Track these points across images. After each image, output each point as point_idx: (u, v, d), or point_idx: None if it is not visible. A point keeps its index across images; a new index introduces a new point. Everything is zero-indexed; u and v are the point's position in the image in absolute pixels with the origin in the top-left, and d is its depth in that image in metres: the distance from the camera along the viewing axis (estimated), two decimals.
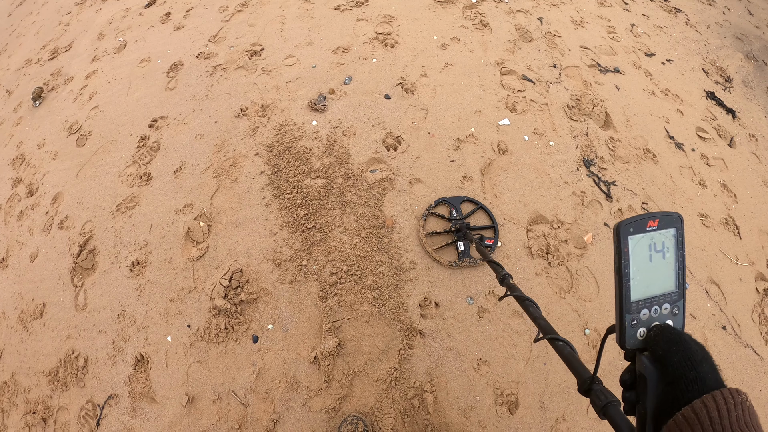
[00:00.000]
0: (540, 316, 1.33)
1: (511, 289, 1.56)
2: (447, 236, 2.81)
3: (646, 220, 0.79)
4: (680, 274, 0.83)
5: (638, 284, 0.80)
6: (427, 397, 2.35)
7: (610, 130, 3.47)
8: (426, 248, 2.72)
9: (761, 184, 3.61)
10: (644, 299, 0.81)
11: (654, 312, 0.81)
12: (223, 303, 2.58)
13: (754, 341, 2.80)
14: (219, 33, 4.19)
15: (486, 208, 2.88)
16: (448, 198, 2.90)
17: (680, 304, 0.84)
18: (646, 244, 0.80)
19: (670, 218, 0.81)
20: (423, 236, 2.75)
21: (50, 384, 2.64)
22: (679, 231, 0.82)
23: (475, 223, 2.86)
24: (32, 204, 3.38)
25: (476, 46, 3.87)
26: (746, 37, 5.04)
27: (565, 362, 1.09)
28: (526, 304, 1.41)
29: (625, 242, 0.79)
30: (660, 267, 0.82)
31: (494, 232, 2.81)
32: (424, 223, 2.81)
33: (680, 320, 0.83)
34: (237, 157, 3.19)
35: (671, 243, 0.82)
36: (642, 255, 0.80)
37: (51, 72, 4.54)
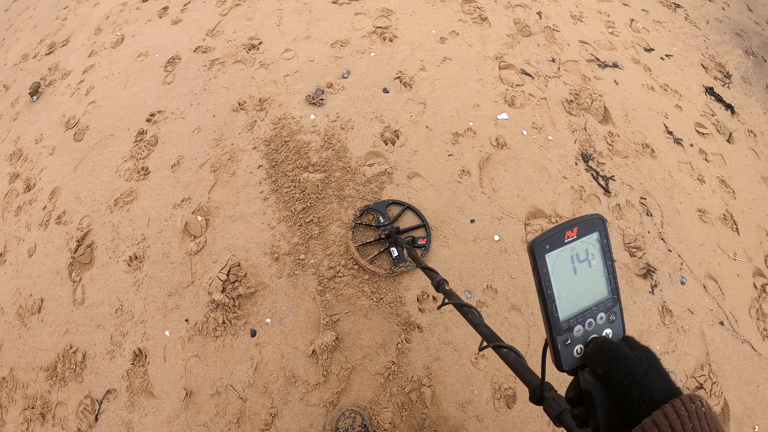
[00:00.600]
0: (481, 322, 1.28)
1: (448, 296, 1.51)
2: (379, 244, 2.76)
3: (563, 232, 0.74)
4: (611, 279, 0.79)
5: (565, 301, 0.76)
6: (424, 391, 2.35)
7: (609, 124, 3.47)
8: (359, 261, 2.66)
9: (760, 180, 3.62)
10: (575, 315, 0.76)
11: (588, 325, 0.77)
12: (221, 297, 2.58)
13: (751, 337, 2.81)
14: (217, 27, 4.18)
15: (413, 207, 2.85)
16: (372, 205, 2.85)
17: (616, 309, 0.79)
18: (568, 257, 0.75)
19: (590, 223, 0.76)
20: (354, 249, 2.69)
21: (49, 379, 2.63)
22: (602, 233, 0.77)
23: (406, 224, 2.83)
24: (30, 199, 3.37)
25: (475, 40, 3.86)
26: (745, 33, 5.04)
27: (512, 370, 1.05)
28: (465, 310, 1.36)
29: (542, 263, 0.74)
30: (587, 276, 0.78)
31: (426, 230, 2.78)
32: (352, 236, 2.75)
33: (619, 326, 0.80)
34: (235, 151, 3.18)
35: (596, 248, 0.77)
36: (564, 270, 0.75)
37: (48, 67, 4.52)
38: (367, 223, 2.81)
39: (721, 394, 2.54)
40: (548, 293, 0.74)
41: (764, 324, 2.89)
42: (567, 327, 0.75)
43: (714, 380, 2.56)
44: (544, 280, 0.73)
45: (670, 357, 2.58)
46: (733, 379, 2.63)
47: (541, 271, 0.73)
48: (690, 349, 2.64)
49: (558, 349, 0.75)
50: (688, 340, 2.66)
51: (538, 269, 0.73)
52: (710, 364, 2.62)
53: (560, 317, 0.75)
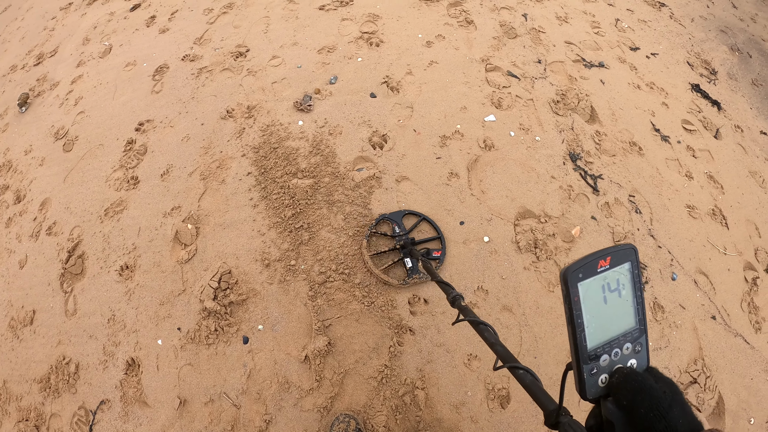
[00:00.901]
0: (497, 341, 1.25)
1: (464, 312, 1.47)
2: (393, 254, 2.77)
3: (596, 261, 0.74)
4: (640, 309, 0.79)
5: (594, 331, 0.76)
6: (418, 393, 2.36)
7: (596, 124, 3.50)
8: (372, 270, 2.65)
9: (747, 175, 3.65)
10: (603, 344, 0.77)
11: (615, 355, 0.77)
12: (213, 305, 2.58)
13: (744, 330, 2.83)
14: (204, 35, 4.18)
15: (429, 219, 2.85)
16: (388, 214, 2.85)
17: (642, 340, 0.80)
18: (599, 287, 0.76)
19: (623, 253, 0.76)
20: (368, 258, 2.68)
21: (42, 391, 2.62)
22: (633, 264, 0.77)
23: (421, 236, 2.83)
24: (20, 210, 3.36)
25: (461, 44, 3.88)
26: (730, 30, 5.08)
27: (528, 392, 1.02)
28: (481, 328, 1.32)
29: (574, 291, 0.74)
30: (617, 306, 0.78)
31: (441, 242, 2.78)
32: (367, 245, 2.75)
33: (644, 356, 0.80)
34: (224, 158, 3.19)
35: (626, 279, 0.77)
36: (595, 299, 0.76)
37: (37, 78, 4.51)
38: (382, 232, 2.81)
39: (716, 388, 2.56)
40: (578, 322, 0.74)
41: (756, 317, 2.92)
42: (594, 356, 0.75)
43: (708, 374, 2.58)
44: (575, 309, 0.74)
45: (663, 352, 2.59)
46: (727, 373, 2.64)
47: (573, 300, 0.74)
48: (683, 344, 2.66)
49: (584, 378, 0.75)
50: (680, 336, 2.68)
51: (570, 297, 0.73)
52: (703, 359, 2.64)
53: (588, 346, 0.75)
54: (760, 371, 2.71)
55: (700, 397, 2.50)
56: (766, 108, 4.38)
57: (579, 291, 0.74)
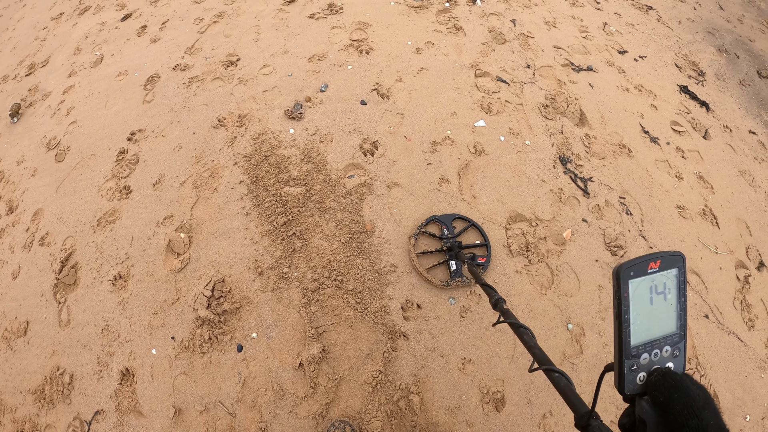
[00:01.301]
0: (535, 344, 1.28)
1: (505, 315, 1.50)
2: (438, 255, 2.78)
3: (647, 262, 0.77)
4: (682, 315, 0.81)
5: (638, 329, 0.78)
6: (413, 398, 2.37)
7: (585, 127, 3.52)
8: (417, 268, 2.68)
9: (737, 174, 3.68)
10: (644, 343, 0.79)
11: (654, 356, 0.79)
12: (207, 313, 2.58)
13: (737, 328, 2.85)
14: (195, 44, 4.19)
15: (478, 225, 2.86)
16: (439, 216, 2.87)
17: (681, 346, 0.82)
18: (647, 287, 0.78)
19: (673, 258, 0.79)
20: (414, 256, 2.71)
21: (36, 402, 2.62)
22: (681, 271, 0.79)
23: (467, 240, 2.84)
24: (12, 221, 3.36)
25: (450, 50, 3.91)
26: (717, 32, 5.13)
27: (562, 395, 1.05)
28: (521, 331, 1.36)
29: (625, 287, 0.76)
30: (661, 309, 0.80)
31: (487, 249, 2.79)
32: (415, 243, 2.78)
33: (681, 362, 0.82)
34: (216, 167, 3.19)
35: (673, 284, 0.80)
36: (643, 298, 0.78)
37: (28, 88, 4.51)
38: (431, 233, 2.83)
39: (710, 386, 2.59)
40: (625, 317, 0.77)
41: (749, 315, 2.94)
42: (636, 353, 0.78)
43: (702, 373, 2.61)
44: (623, 305, 0.77)
45: None
46: (722, 371, 2.67)
47: (623, 296, 0.76)
48: None
49: (624, 373, 0.78)
50: None
51: (620, 293, 0.76)
52: (697, 357, 2.66)
53: (632, 342, 0.78)
54: (754, 368, 2.73)
55: None
56: (755, 108, 4.42)
57: (629, 288, 0.77)
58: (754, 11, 5.77)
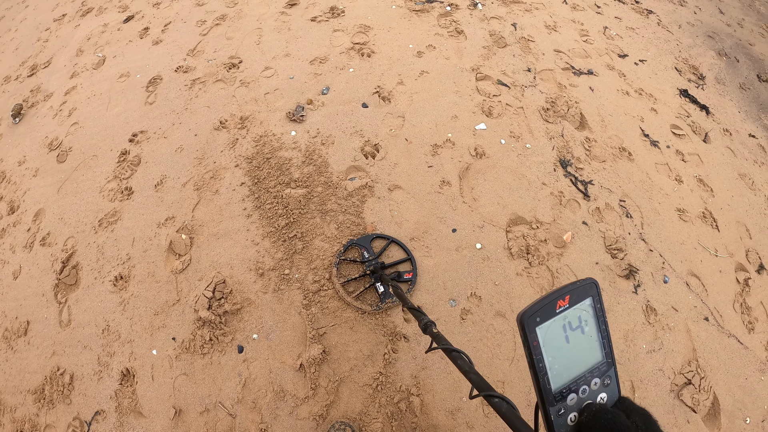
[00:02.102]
0: (471, 369, 1.22)
1: (437, 340, 1.44)
2: (364, 280, 2.73)
3: (555, 302, 0.72)
4: (605, 343, 0.78)
5: (558, 371, 0.74)
6: (413, 400, 2.37)
7: (586, 130, 3.53)
8: (344, 298, 2.63)
9: (737, 177, 3.69)
10: (569, 383, 0.75)
11: (582, 392, 0.76)
12: (207, 314, 2.59)
13: (737, 331, 2.85)
14: (197, 47, 4.21)
15: (398, 240, 2.82)
16: (356, 240, 2.83)
17: (611, 373, 0.78)
18: (560, 327, 0.74)
19: (582, 289, 0.74)
20: (339, 286, 2.66)
21: (36, 402, 2.62)
22: (595, 299, 0.76)
23: (392, 258, 2.80)
24: (14, 221, 3.37)
25: (451, 53, 3.92)
26: (718, 35, 5.14)
27: (505, 421, 1.00)
28: (454, 355, 1.29)
29: (533, 336, 0.71)
30: (581, 343, 0.76)
31: (411, 263, 2.76)
32: (337, 272, 2.72)
33: (614, 389, 0.79)
34: (217, 169, 3.20)
35: (589, 315, 0.76)
36: (557, 340, 0.74)
37: (30, 89, 4.52)
38: (351, 258, 2.79)
39: (710, 389, 2.58)
40: (539, 366, 0.72)
41: (749, 317, 2.94)
42: (560, 397, 0.74)
43: (702, 375, 2.60)
44: (534, 354, 0.72)
45: (656, 355, 2.61)
46: (722, 374, 2.67)
47: (532, 345, 0.72)
48: (676, 346, 2.68)
49: (551, 420, 0.74)
50: (673, 338, 2.70)
51: (529, 342, 0.71)
52: (697, 360, 2.66)
53: (552, 388, 0.73)
54: (754, 371, 2.73)
55: (695, 398, 2.52)
56: (755, 111, 4.43)
57: (538, 335, 0.72)
58: (754, 15, 5.78)
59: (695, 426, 2.46)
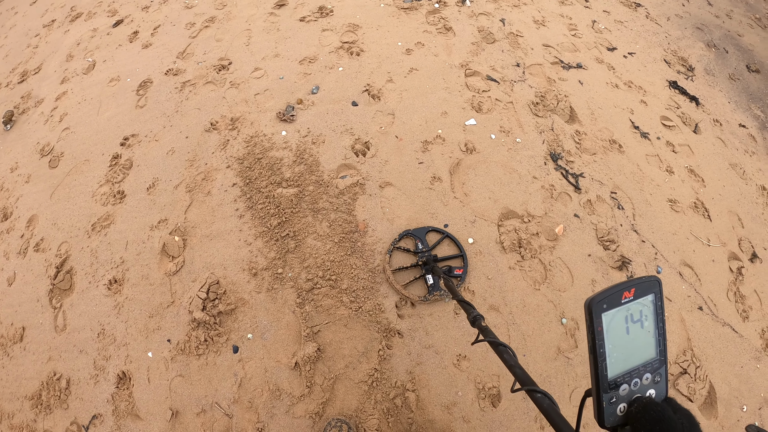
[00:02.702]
0: (516, 364, 1.23)
1: (484, 333, 1.45)
2: (414, 270, 2.76)
3: (621, 292, 0.75)
4: (661, 341, 0.80)
5: (615, 360, 0.76)
6: (409, 395, 2.38)
7: (576, 123, 3.55)
8: (394, 285, 2.65)
9: (728, 167, 3.71)
10: (623, 374, 0.77)
11: (634, 385, 0.78)
12: (202, 315, 2.59)
13: (731, 319, 2.87)
14: (187, 49, 4.21)
15: (452, 236, 2.85)
16: (412, 230, 2.85)
17: (662, 371, 0.80)
18: (623, 317, 0.76)
19: (647, 284, 0.77)
20: (390, 273, 2.68)
21: (33, 408, 2.62)
22: (657, 296, 0.78)
23: (443, 252, 2.82)
24: (7, 228, 3.36)
25: (440, 50, 3.94)
26: (706, 27, 5.17)
27: (545, 416, 1.01)
28: (501, 349, 1.31)
29: (598, 321, 0.74)
30: (638, 337, 0.78)
31: (463, 260, 2.77)
32: (390, 259, 2.75)
33: (663, 387, 0.81)
34: (209, 170, 3.21)
35: (649, 310, 0.78)
36: (618, 330, 0.76)
37: (21, 95, 4.51)
38: (405, 248, 2.81)
39: (706, 378, 2.60)
40: (600, 351, 0.75)
41: (743, 306, 2.96)
42: (614, 385, 0.76)
43: (698, 364, 2.61)
44: (597, 339, 0.75)
45: None
46: (717, 362, 2.68)
47: (596, 330, 0.74)
48: (671, 336, 2.69)
49: (603, 407, 0.76)
50: (668, 327, 2.71)
51: (593, 327, 0.74)
52: (692, 349, 2.67)
53: (609, 375, 0.76)
54: (750, 359, 2.75)
55: (691, 387, 2.53)
56: (744, 101, 4.46)
57: (603, 321, 0.75)
58: (743, 6, 5.81)
59: None
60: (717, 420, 2.49)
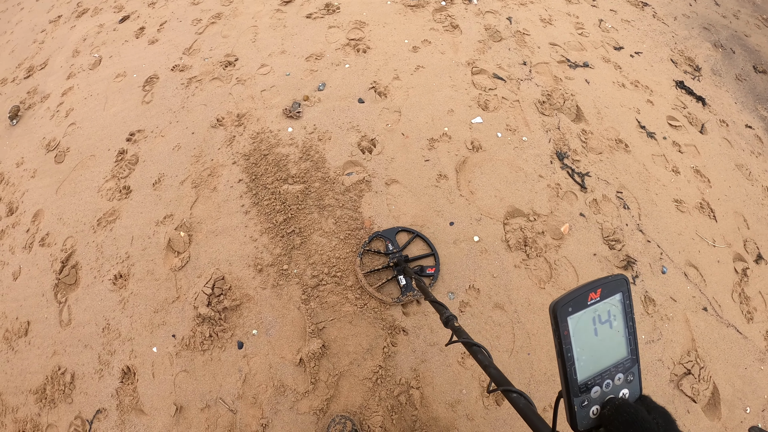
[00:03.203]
0: (491, 364, 1.22)
1: (457, 333, 1.44)
2: (387, 272, 2.75)
3: (587, 294, 0.73)
4: (631, 339, 0.79)
5: (585, 363, 0.75)
6: (413, 393, 2.38)
7: (582, 122, 3.54)
8: (367, 288, 2.64)
9: (734, 168, 3.70)
10: (594, 376, 0.76)
11: (606, 386, 0.77)
12: (207, 311, 2.59)
13: (736, 320, 2.86)
14: (193, 45, 4.21)
15: (422, 235, 2.83)
16: (381, 232, 2.84)
17: (634, 370, 0.79)
18: (590, 319, 0.75)
19: (614, 284, 0.75)
20: (361, 276, 2.67)
21: (38, 402, 2.62)
22: (625, 294, 0.77)
23: (415, 252, 2.81)
24: (13, 222, 3.37)
25: (447, 48, 3.93)
26: (713, 27, 5.15)
27: (522, 416, 0.99)
28: (474, 350, 1.29)
29: (564, 325, 0.72)
30: (608, 338, 0.77)
31: (434, 259, 2.76)
32: (360, 262, 2.74)
33: (636, 386, 0.80)
34: (215, 166, 3.21)
35: (618, 310, 0.77)
36: (586, 332, 0.75)
37: (27, 90, 4.52)
38: (375, 249, 2.80)
39: (710, 379, 2.59)
40: (568, 356, 0.74)
41: (748, 307, 2.95)
42: (585, 388, 0.75)
43: (701, 365, 2.61)
44: (564, 343, 0.73)
45: (656, 345, 2.62)
46: (721, 363, 2.68)
47: (562, 334, 0.73)
48: (675, 337, 2.69)
49: (574, 411, 0.75)
50: (672, 328, 2.71)
51: (560, 332, 0.73)
52: (696, 350, 2.67)
53: (578, 379, 0.75)
54: (754, 360, 2.74)
55: (694, 388, 2.52)
56: (751, 102, 4.44)
57: (569, 325, 0.73)
58: (750, 6, 5.79)
59: (695, 416, 2.47)
60: (720, 421, 2.49)
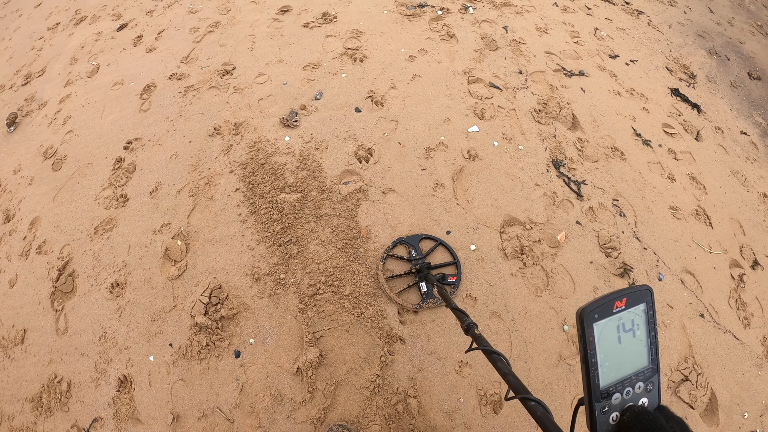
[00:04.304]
0: (510, 372, 1.21)
1: (478, 341, 1.44)
2: (408, 278, 2.76)
3: (612, 302, 0.75)
4: (653, 349, 0.80)
5: (607, 370, 0.77)
6: (411, 401, 2.38)
7: (578, 131, 3.56)
8: (387, 293, 2.65)
9: (729, 174, 3.72)
10: (615, 383, 0.78)
11: (626, 394, 0.78)
12: (204, 320, 2.59)
13: (732, 326, 2.87)
14: (191, 54, 4.22)
15: (446, 244, 2.84)
16: (405, 237, 2.86)
17: (654, 379, 0.81)
18: (614, 327, 0.77)
19: (639, 294, 0.77)
20: (383, 281, 2.69)
21: (34, 410, 2.61)
22: (649, 305, 0.79)
23: (437, 260, 2.82)
24: (9, 230, 3.36)
25: (443, 57, 3.95)
26: (708, 34, 5.18)
27: (539, 424, 0.99)
28: (494, 357, 1.29)
29: (590, 331, 0.75)
30: (630, 346, 0.79)
31: (456, 268, 2.77)
32: (383, 267, 2.75)
33: (655, 395, 0.81)
34: (212, 175, 3.21)
35: (641, 320, 0.79)
36: (610, 339, 0.77)
37: (25, 97, 4.52)
38: (398, 255, 2.81)
39: (708, 385, 2.60)
40: (592, 361, 0.75)
41: (744, 313, 2.96)
42: (606, 394, 0.77)
43: (699, 371, 2.61)
44: (589, 349, 0.75)
45: None
46: (719, 369, 2.69)
47: (588, 340, 0.75)
48: (672, 343, 2.70)
49: (595, 416, 0.77)
50: (669, 335, 2.72)
51: (585, 337, 0.75)
52: (694, 356, 2.67)
53: (601, 385, 0.76)
54: (751, 366, 2.75)
55: (692, 394, 2.53)
56: (746, 108, 4.47)
57: (594, 331, 0.75)
58: (744, 14, 5.83)
59: (693, 422, 2.48)
60: (718, 427, 2.49)
